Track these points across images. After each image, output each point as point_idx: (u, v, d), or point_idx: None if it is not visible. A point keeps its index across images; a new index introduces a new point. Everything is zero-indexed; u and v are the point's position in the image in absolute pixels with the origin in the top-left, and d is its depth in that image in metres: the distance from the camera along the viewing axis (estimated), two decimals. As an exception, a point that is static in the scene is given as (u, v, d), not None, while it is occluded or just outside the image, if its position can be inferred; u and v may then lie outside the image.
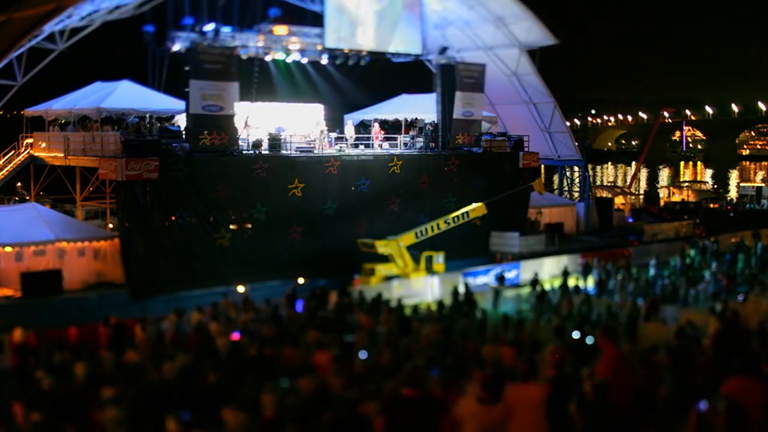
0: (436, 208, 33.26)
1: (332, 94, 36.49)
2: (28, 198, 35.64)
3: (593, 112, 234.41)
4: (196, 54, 28.47)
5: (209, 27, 29.02)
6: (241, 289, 26.31)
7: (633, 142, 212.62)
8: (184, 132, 29.72)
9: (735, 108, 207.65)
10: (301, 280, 28.56)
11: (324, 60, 34.36)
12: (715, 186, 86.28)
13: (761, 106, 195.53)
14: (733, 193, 77.05)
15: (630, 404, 8.60)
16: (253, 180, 29.80)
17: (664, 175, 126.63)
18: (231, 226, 29.47)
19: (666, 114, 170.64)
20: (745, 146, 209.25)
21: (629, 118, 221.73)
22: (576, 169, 49.05)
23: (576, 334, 15.62)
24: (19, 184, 38.68)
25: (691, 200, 59.62)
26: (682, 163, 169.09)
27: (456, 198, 34.33)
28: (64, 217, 29.70)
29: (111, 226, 31.53)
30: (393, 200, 33.51)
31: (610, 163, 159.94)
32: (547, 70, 42.57)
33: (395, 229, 30.87)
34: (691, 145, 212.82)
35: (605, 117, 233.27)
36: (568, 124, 48.49)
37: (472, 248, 34.24)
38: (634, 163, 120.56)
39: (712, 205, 56.22)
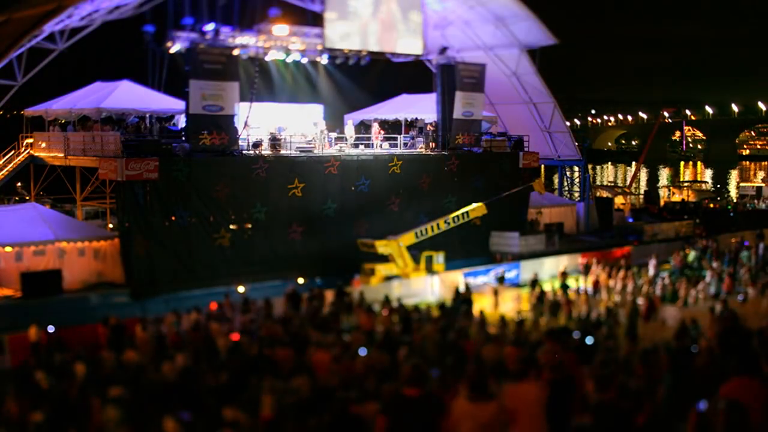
0: (436, 208, 33.26)
1: (332, 94, 36.44)
2: (28, 198, 35.62)
3: (593, 112, 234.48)
4: (195, 54, 28.47)
5: (209, 27, 29.02)
6: (241, 289, 26.32)
7: (633, 142, 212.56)
8: (183, 132, 29.72)
9: (735, 108, 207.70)
10: (300, 280, 28.59)
11: (324, 60, 34.37)
12: (717, 186, 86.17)
13: (761, 106, 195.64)
14: (733, 193, 76.99)
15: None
16: (253, 180, 29.80)
17: (664, 175, 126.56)
18: (231, 226, 29.46)
19: (666, 114, 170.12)
20: (745, 146, 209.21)
21: (629, 118, 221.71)
22: (576, 169, 49.00)
23: (576, 335, 15.65)
24: (19, 184, 38.67)
25: (691, 200, 59.59)
26: (682, 163, 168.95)
27: (456, 198, 34.33)
28: (64, 217, 29.69)
29: (111, 226, 31.53)
30: (393, 200, 33.51)
31: (610, 163, 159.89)
32: (547, 70, 42.54)
33: (395, 229, 30.86)
34: (691, 145, 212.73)
35: (605, 117, 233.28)
36: (568, 124, 48.45)
37: (472, 248, 34.27)
38: (634, 163, 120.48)
39: (712, 205, 56.22)
